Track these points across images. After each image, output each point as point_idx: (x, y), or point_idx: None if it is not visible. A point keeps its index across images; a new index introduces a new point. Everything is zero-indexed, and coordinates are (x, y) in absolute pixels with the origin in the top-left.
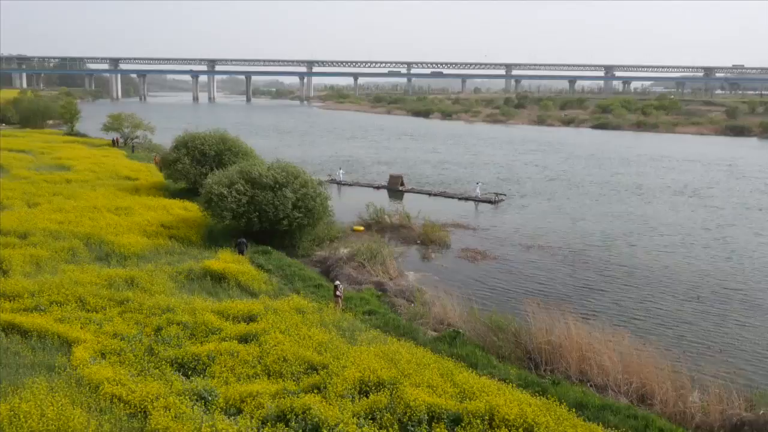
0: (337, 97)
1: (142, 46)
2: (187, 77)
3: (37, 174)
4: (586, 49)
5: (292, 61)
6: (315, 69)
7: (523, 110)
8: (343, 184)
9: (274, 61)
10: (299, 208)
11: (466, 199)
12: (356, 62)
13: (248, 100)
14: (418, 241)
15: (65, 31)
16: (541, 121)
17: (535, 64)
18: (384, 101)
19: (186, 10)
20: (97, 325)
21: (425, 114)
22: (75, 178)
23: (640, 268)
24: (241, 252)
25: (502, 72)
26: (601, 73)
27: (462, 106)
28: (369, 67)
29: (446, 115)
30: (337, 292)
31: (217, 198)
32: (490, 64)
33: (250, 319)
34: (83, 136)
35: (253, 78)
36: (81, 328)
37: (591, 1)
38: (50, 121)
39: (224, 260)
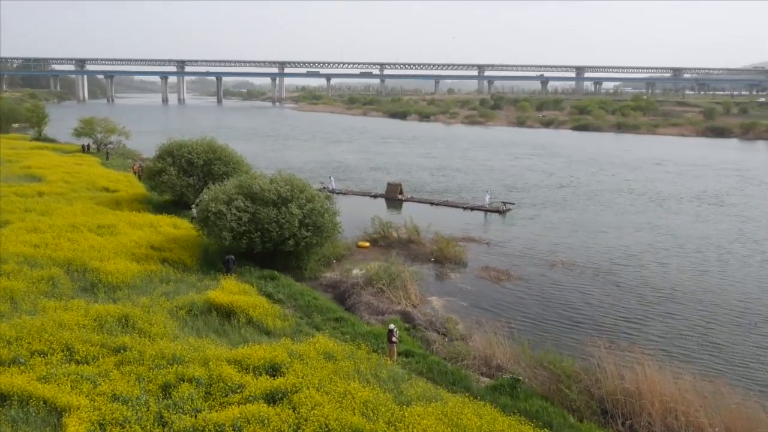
0: (310, 98)
1: (109, 46)
2: (156, 78)
3: (6, 186)
4: (557, 48)
5: (264, 62)
6: (287, 70)
7: (500, 111)
8: (336, 193)
9: (245, 62)
10: (306, 226)
11: (472, 208)
12: (328, 63)
13: (219, 101)
14: (432, 259)
15: (29, 31)
16: (520, 123)
17: (507, 65)
18: (358, 102)
19: (154, 10)
20: (91, 383)
21: (402, 116)
22: (48, 191)
23: (680, 291)
24: (228, 270)
25: (475, 73)
26: (573, 74)
27: (438, 107)
28: (341, 68)
29: (424, 117)
30: (393, 338)
31: (215, 216)
32: (463, 65)
33: (274, 369)
34: (52, 141)
35: (223, 79)
36: (72, 388)
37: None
38: (15, 125)
39: (229, 290)
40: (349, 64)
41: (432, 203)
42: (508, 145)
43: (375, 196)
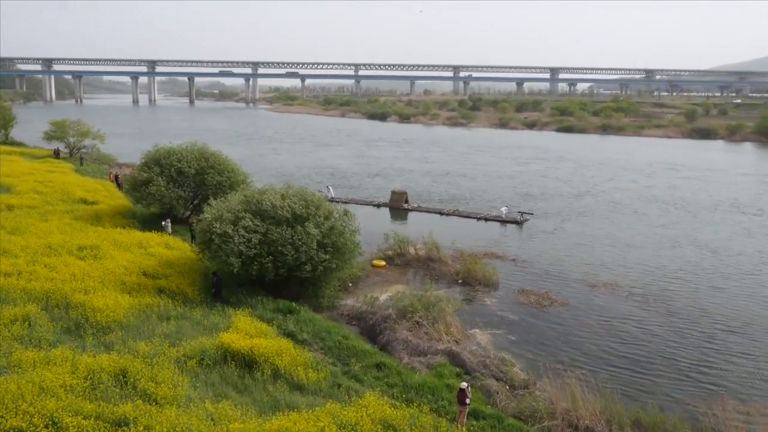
0: (284, 99)
1: (78, 46)
2: (126, 79)
3: None
4: (531, 49)
5: (237, 63)
6: (261, 70)
7: (481, 113)
8: (336, 202)
9: (217, 62)
10: (325, 248)
11: (486, 219)
12: (302, 63)
13: (191, 102)
14: (459, 280)
15: None
16: (503, 124)
17: (482, 66)
18: (335, 103)
19: (123, 9)
20: None
21: (381, 117)
22: (19, 203)
23: (752, 324)
24: (217, 291)
25: (450, 74)
26: (547, 75)
27: (416, 108)
28: (317, 68)
29: (404, 118)
30: (467, 400)
31: (220, 239)
32: (438, 66)
33: None
34: (20, 145)
35: (195, 79)
36: None
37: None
38: None
39: (245, 331)
40: (324, 64)
41: (441, 213)
42: (506, 149)
43: (378, 206)
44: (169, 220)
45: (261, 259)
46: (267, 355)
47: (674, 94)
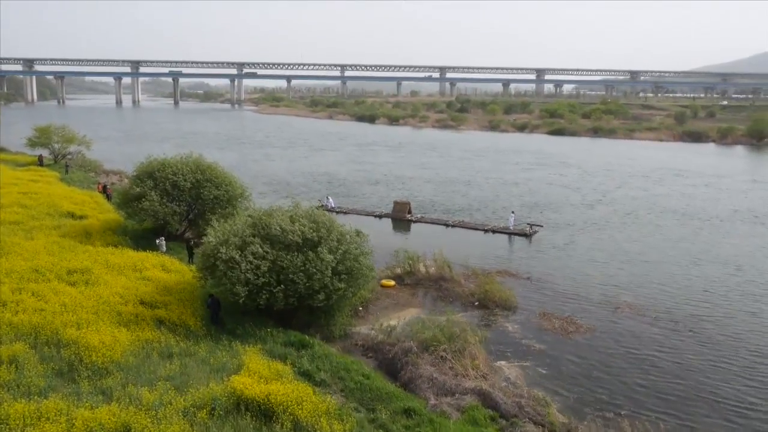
0: (271, 100)
1: (60, 46)
2: (109, 79)
3: None
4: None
5: (222, 63)
6: (246, 71)
7: (469, 115)
8: (337, 212)
9: (202, 62)
10: (339, 275)
11: (494, 231)
12: (289, 64)
13: (176, 103)
14: (475, 303)
15: None
16: (493, 127)
17: (469, 67)
18: (322, 104)
19: (107, 9)
20: None
21: (370, 119)
22: (1, 219)
23: None
24: (215, 314)
25: (437, 75)
26: (533, 76)
27: (404, 110)
28: (302, 69)
29: (392, 121)
30: None
31: (226, 266)
32: (425, 67)
33: None
34: (1, 150)
35: (179, 80)
36: None
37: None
38: None
39: (258, 372)
40: (310, 65)
41: (446, 224)
42: (504, 153)
43: (380, 216)
44: (163, 238)
45: (270, 287)
46: (286, 403)
47: (659, 95)
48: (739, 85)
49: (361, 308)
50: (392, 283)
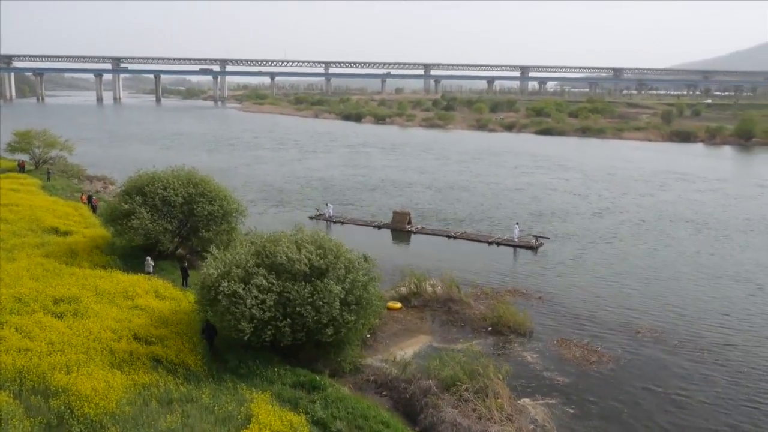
0: (254, 97)
1: (39, 42)
2: (89, 75)
3: None
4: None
5: (205, 60)
6: (229, 68)
7: (457, 113)
8: (335, 222)
9: (184, 59)
10: (349, 306)
11: (498, 243)
12: (272, 61)
13: (158, 100)
14: (489, 328)
15: None
16: (480, 126)
17: (453, 64)
18: (306, 102)
19: (88, 5)
20: None
21: (356, 118)
22: None
23: None
24: (210, 339)
25: (421, 72)
26: (517, 74)
27: (389, 108)
28: (286, 66)
29: (379, 119)
30: None
31: (228, 300)
32: (409, 64)
33: None
34: None
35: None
36: None
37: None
38: None
39: (268, 426)
40: (293, 62)
41: (448, 236)
42: (501, 155)
43: (379, 227)
44: (149, 258)
45: (276, 322)
46: None
47: (642, 92)
48: (721, 83)
49: (369, 335)
50: (399, 305)
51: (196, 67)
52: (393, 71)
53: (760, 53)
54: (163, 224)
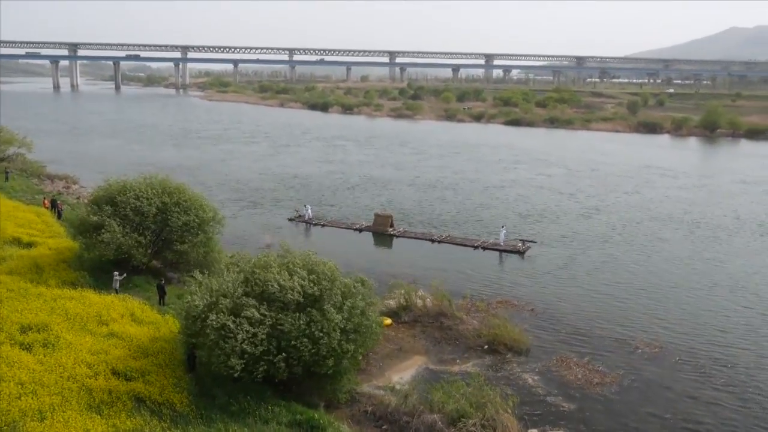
0: (218, 85)
1: None
2: (45, 61)
3: None
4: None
5: (166, 46)
6: (191, 54)
7: (425, 103)
8: (314, 224)
9: (144, 45)
10: (348, 334)
11: (484, 247)
12: (235, 48)
13: (117, 88)
14: (484, 346)
15: None
16: (449, 117)
17: (418, 52)
18: (271, 90)
19: None
20: None
21: (323, 107)
22: None
23: None
24: (191, 365)
25: (386, 60)
26: (482, 62)
27: (356, 96)
28: (249, 53)
29: (346, 109)
30: None
31: (217, 334)
32: (374, 52)
33: None
34: None
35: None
36: None
37: None
38: None
39: None
40: (257, 49)
41: (432, 240)
42: (478, 148)
43: (360, 230)
44: (116, 273)
45: (270, 357)
46: None
47: (605, 80)
48: (681, 72)
49: (361, 357)
50: (389, 321)
51: (158, 54)
52: (358, 59)
53: (716, 42)
54: (136, 237)
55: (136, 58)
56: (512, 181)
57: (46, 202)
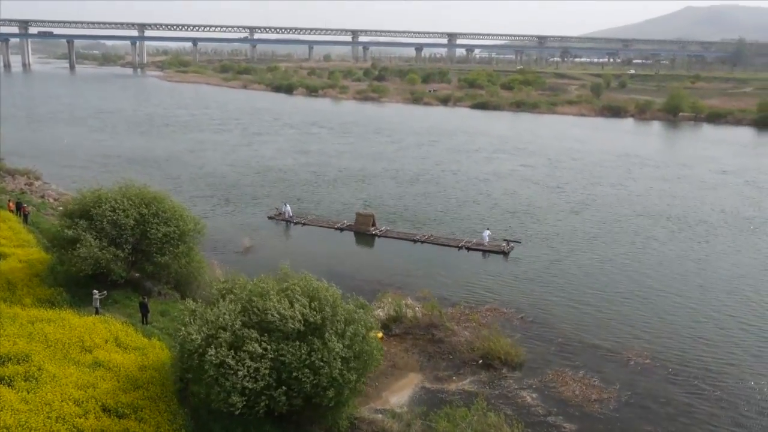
0: (177, 64)
1: None
2: None
3: None
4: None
5: (122, 24)
6: (148, 33)
7: (390, 85)
8: (295, 223)
9: (99, 23)
10: (348, 362)
11: (468, 248)
12: (194, 26)
13: (72, 67)
14: (479, 360)
15: None
16: (415, 100)
17: (381, 31)
18: (232, 70)
19: None
20: None
21: (288, 89)
22: None
23: None
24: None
25: (349, 38)
26: (445, 41)
27: (320, 77)
28: (209, 31)
29: (311, 91)
30: None
31: (217, 370)
32: (336, 30)
33: None
34: None
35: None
36: None
37: None
38: None
39: None
40: (217, 27)
41: (414, 240)
42: (456, 136)
43: (341, 229)
44: (96, 292)
45: (271, 391)
46: None
47: (566, 60)
48: (641, 51)
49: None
50: (380, 334)
51: (114, 32)
52: (320, 38)
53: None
54: (113, 251)
55: (91, 37)
56: (494, 173)
57: (10, 204)
